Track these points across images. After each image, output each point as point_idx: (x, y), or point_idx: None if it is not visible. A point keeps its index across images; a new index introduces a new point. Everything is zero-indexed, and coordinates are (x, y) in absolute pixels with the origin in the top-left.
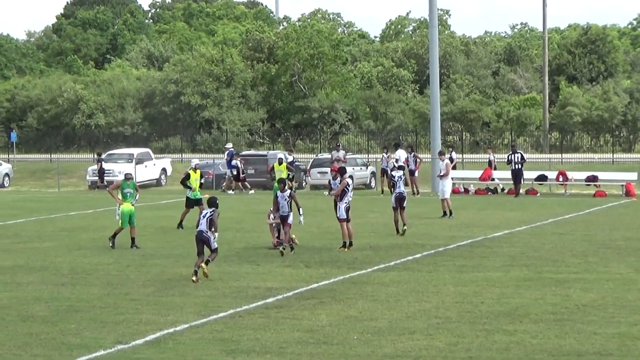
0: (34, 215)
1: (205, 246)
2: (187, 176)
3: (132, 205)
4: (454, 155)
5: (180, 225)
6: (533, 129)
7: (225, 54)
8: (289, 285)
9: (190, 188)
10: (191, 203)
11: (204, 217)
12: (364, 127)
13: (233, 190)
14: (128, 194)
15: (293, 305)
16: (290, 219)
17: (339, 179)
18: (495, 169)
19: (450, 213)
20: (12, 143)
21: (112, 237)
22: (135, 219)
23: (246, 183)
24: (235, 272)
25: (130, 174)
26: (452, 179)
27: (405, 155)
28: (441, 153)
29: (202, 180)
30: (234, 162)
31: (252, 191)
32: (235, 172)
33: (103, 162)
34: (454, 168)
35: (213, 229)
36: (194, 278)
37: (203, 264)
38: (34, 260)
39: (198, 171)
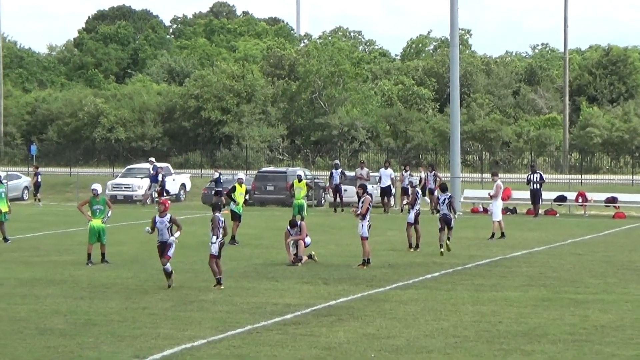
0: (52, 228)
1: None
2: (233, 189)
3: (103, 222)
4: (422, 175)
5: (233, 239)
6: (553, 149)
7: (246, 70)
8: (307, 302)
9: (234, 201)
10: (237, 216)
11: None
12: (384, 144)
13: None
14: (97, 211)
15: (311, 322)
16: (214, 249)
17: (363, 197)
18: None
19: (502, 234)
20: (32, 156)
21: (88, 257)
22: (105, 236)
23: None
24: (254, 288)
25: (97, 190)
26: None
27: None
28: (494, 174)
29: (247, 197)
30: (160, 176)
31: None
32: (159, 188)
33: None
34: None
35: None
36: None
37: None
38: (53, 274)
39: (244, 185)
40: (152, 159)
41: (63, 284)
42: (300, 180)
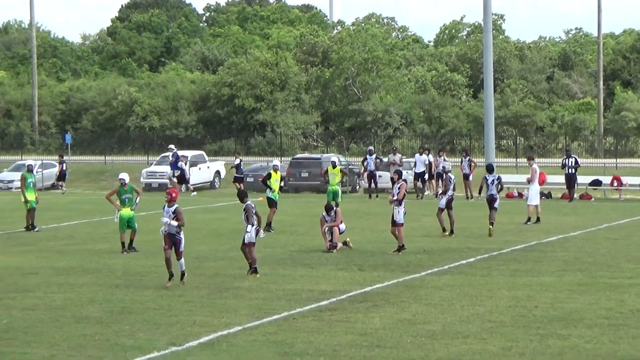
0: (87, 217)
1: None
2: (269, 176)
3: (132, 210)
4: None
5: (269, 226)
6: (587, 134)
7: (279, 58)
8: (342, 289)
9: (270, 188)
10: (273, 203)
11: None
12: (418, 130)
13: (194, 191)
14: (126, 200)
15: (346, 308)
16: (248, 237)
17: (398, 183)
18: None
19: (538, 219)
20: (66, 145)
21: (122, 246)
22: (134, 223)
23: (190, 185)
24: (289, 275)
25: (124, 180)
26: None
27: (423, 160)
28: (530, 158)
29: (282, 183)
30: (180, 164)
31: (195, 193)
32: (179, 174)
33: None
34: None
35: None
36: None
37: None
38: (88, 262)
39: (279, 172)
40: (172, 146)
41: (98, 272)
42: (334, 166)
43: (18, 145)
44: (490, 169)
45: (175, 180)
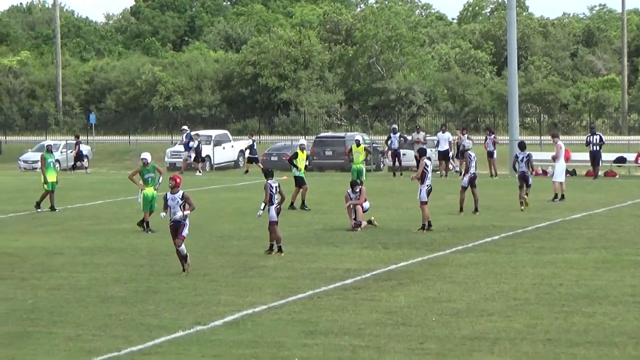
0: (112, 196)
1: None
2: (295, 155)
3: (155, 189)
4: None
5: (303, 204)
6: (612, 111)
7: (303, 36)
8: (367, 267)
9: (297, 167)
10: (302, 182)
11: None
12: (442, 108)
13: (200, 172)
14: (149, 179)
15: (371, 286)
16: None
17: (421, 161)
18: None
19: (562, 197)
20: (91, 125)
21: (141, 224)
22: (155, 203)
23: (199, 165)
24: (314, 254)
25: (146, 159)
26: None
27: (447, 138)
28: (554, 135)
29: (307, 162)
30: (191, 143)
31: (200, 173)
32: (193, 154)
33: (81, 145)
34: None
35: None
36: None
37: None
38: (113, 242)
39: (305, 151)
40: (185, 127)
41: (123, 252)
42: (358, 144)
43: (42, 126)
44: (521, 146)
45: (192, 160)
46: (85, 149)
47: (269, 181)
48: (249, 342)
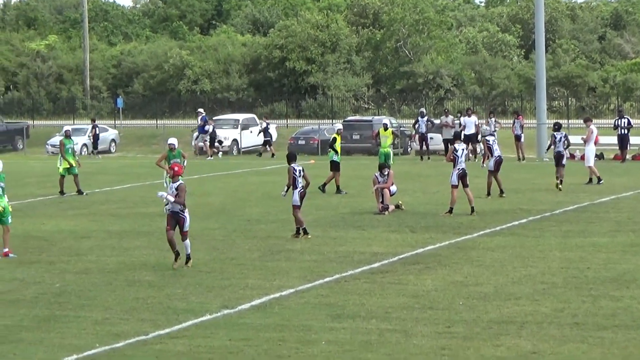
0: (139, 180)
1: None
2: (334, 140)
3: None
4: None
5: (338, 189)
6: (639, 94)
7: (330, 20)
8: (394, 250)
9: (336, 152)
10: (338, 166)
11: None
12: (469, 92)
13: (212, 156)
14: None
15: (398, 270)
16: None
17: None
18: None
19: (599, 180)
20: (118, 109)
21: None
22: None
23: (214, 149)
24: (341, 237)
25: (174, 144)
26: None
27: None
28: (587, 119)
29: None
30: (206, 127)
31: (213, 157)
32: (208, 138)
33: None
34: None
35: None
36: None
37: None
38: (141, 225)
39: (340, 136)
40: (201, 110)
41: (151, 235)
42: (386, 128)
43: (70, 110)
44: (558, 127)
45: (208, 143)
46: (112, 133)
47: (292, 165)
48: (276, 325)
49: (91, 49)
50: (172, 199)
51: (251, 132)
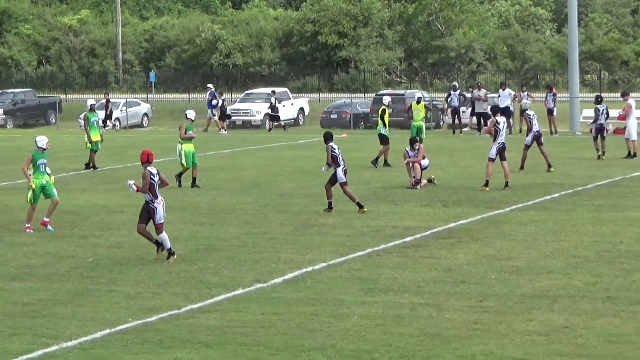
0: (171, 155)
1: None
2: (383, 112)
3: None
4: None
5: (386, 163)
6: None
7: None
8: (426, 225)
9: (385, 125)
10: (386, 140)
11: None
12: (502, 66)
13: (226, 130)
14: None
15: (430, 244)
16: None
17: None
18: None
19: (634, 154)
20: (150, 83)
21: (178, 177)
22: (196, 158)
23: (224, 123)
24: (373, 211)
25: (191, 117)
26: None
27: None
28: (624, 94)
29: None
30: (214, 102)
31: (225, 131)
32: (218, 112)
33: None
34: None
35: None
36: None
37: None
38: (173, 200)
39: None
40: (210, 85)
41: (183, 210)
42: (418, 102)
43: (102, 84)
44: (599, 99)
45: (216, 118)
46: (145, 107)
47: (330, 144)
48: (309, 299)
49: (123, 23)
50: (132, 181)
51: (284, 106)
